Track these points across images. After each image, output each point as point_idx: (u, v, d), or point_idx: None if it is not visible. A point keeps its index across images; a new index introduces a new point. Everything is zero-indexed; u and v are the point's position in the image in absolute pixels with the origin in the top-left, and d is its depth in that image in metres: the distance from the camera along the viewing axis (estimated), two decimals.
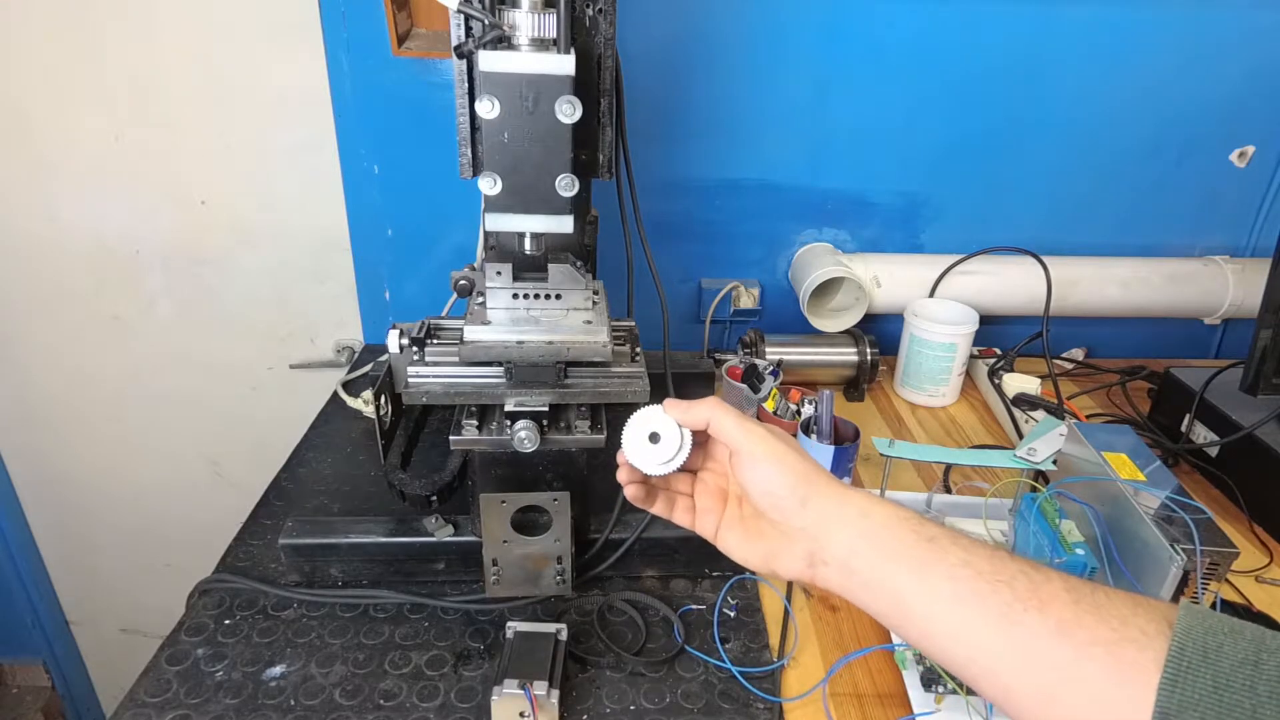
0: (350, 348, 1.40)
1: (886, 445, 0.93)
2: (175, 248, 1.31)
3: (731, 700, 0.72)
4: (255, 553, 0.88)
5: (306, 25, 1.15)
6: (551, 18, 0.67)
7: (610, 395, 0.77)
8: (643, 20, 1.15)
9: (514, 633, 0.72)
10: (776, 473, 0.51)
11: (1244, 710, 0.38)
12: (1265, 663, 0.39)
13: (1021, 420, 1.13)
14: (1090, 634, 0.42)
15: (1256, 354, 0.98)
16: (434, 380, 0.75)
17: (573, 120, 0.68)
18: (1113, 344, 1.44)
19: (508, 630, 0.72)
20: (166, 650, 0.75)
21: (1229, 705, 0.38)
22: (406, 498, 0.85)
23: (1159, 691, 0.39)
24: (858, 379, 1.25)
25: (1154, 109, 1.26)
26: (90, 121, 1.21)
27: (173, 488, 1.52)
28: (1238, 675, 0.39)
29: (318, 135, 1.22)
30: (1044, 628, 0.43)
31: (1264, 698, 0.38)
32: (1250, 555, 0.92)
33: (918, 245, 1.35)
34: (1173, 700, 0.39)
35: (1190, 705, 0.38)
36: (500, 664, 0.69)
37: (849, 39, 1.19)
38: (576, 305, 0.80)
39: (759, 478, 0.52)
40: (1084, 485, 0.86)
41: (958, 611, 0.45)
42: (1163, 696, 0.39)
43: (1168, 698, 0.39)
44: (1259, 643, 0.40)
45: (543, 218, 0.73)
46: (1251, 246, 1.38)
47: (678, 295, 1.37)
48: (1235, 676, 0.39)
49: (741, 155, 1.27)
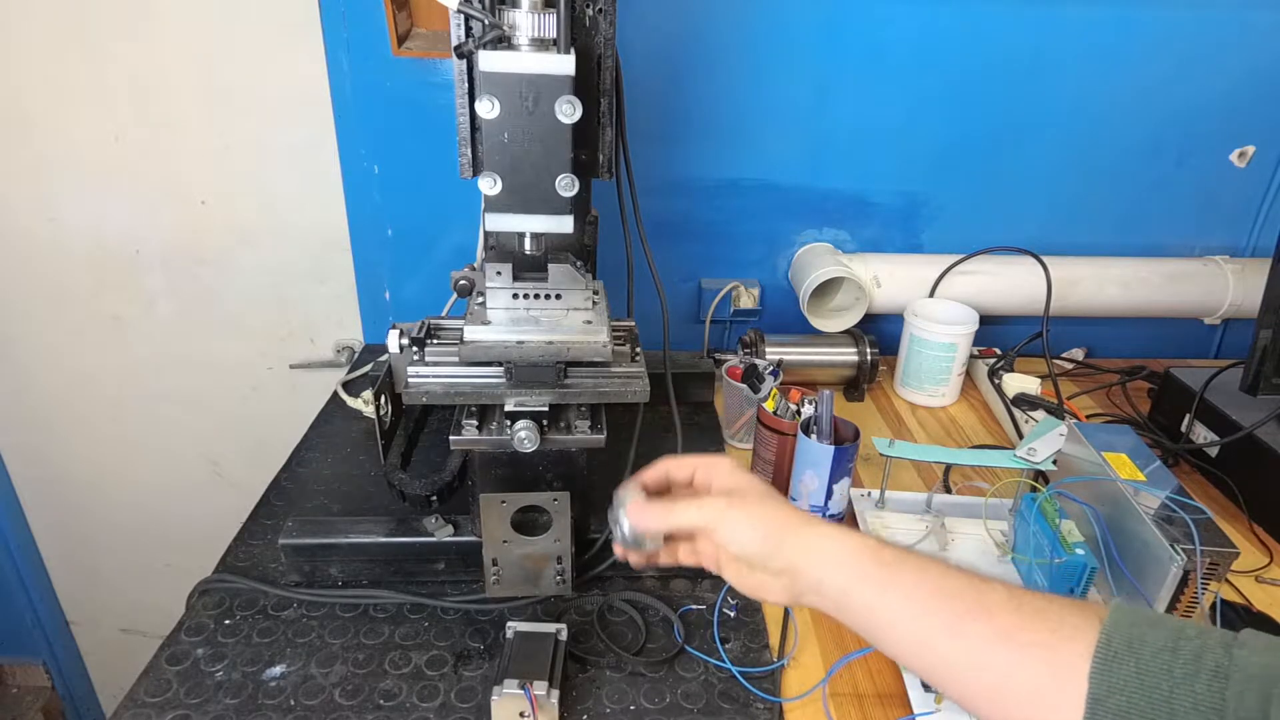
0: (350, 348, 1.40)
1: (886, 445, 0.93)
2: (175, 248, 1.31)
3: (731, 700, 0.72)
4: (255, 553, 0.88)
5: (306, 25, 1.15)
6: (551, 18, 0.67)
7: (610, 395, 0.77)
8: (643, 20, 1.15)
9: (514, 632, 0.72)
10: (746, 534, 0.57)
11: (1162, 691, 0.43)
12: (1181, 649, 0.44)
13: (1021, 420, 1.13)
14: (1030, 636, 0.47)
15: (1256, 354, 0.98)
16: (434, 380, 0.75)
17: (573, 120, 0.68)
18: (1113, 344, 1.44)
19: (508, 630, 0.72)
20: (166, 650, 0.75)
21: (1149, 688, 0.43)
22: (406, 498, 0.85)
23: (1090, 679, 0.44)
24: (858, 379, 1.25)
25: (1154, 109, 1.26)
26: (90, 121, 1.21)
27: (173, 488, 1.52)
28: (1157, 661, 0.43)
29: (318, 135, 1.22)
30: (989, 633, 0.48)
31: (1179, 679, 0.43)
32: (1250, 555, 0.92)
33: (918, 245, 1.35)
34: (1101, 686, 0.44)
35: (1117, 690, 0.44)
36: (500, 664, 0.69)
37: (849, 39, 1.19)
38: (576, 305, 0.80)
39: (732, 540, 0.57)
40: (1084, 485, 0.86)
41: (916, 626, 0.51)
42: (1093, 684, 0.44)
43: (1097, 684, 0.44)
44: (1178, 632, 0.45)
45: (543, 218, 0.73)
46: (1251, 246, 1.38)
47: (678, 295, 1.37)
48: (1155, 662, 0.43)
49: (741, 155, 1.27)
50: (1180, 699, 0.42)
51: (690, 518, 0.58)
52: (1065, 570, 0.77)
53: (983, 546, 0.91)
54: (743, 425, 1.10)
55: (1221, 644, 0.43)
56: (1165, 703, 0.42)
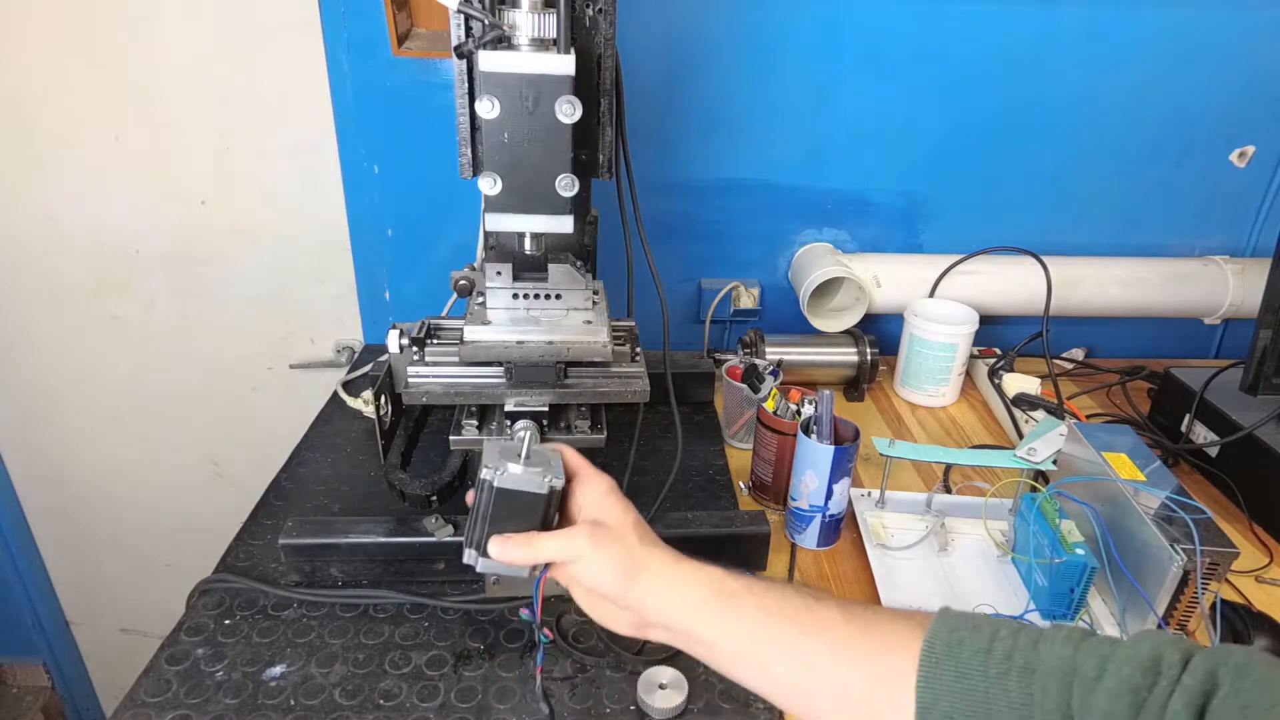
0: (350, 348, 1.40)
1: (886, 445, 0.93)
2: (175, 248, 1.31)
3: (732, 700, 0.72)
4: (255, 553, 0.88)
5: (306, 25, 1.15)
6: (551, 18, 0.67)
7: (610, 395, 0.77)
8: (643, 20, 1.15)
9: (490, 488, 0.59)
10: (600, 574, 0.57)
11: (979, 692, 0.45)
12: (994, 649, 0.46)
13: (1021, 420, 1.13)
14: (858, 649, 0.49)
15: (1256, 354, 0.99)
16: (434, 380, 0.75)
17: (573, 120, 0.68)
18: (1113, 344, 1.44)
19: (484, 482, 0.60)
20: (166, 650, 0.75)
21: (967, 689, 0.45)
22: (406, 498, 0.85)
23: (916, 688, 0.46)
24: (858, 379, 1.25)
25: (1154, 109, 1.26)
26: (90, 121, 1.21)
27: (173, 488, 1.52)
28: (973, 663, 0.45)
29: (318, 135, 1.22)
30: (821, 650, 0.50)
31: (993, 677, 0.45)
32: (1250, 555, 0.92)
33: (918, 245, 1.35)
34: (926, 694, 0.46)
35: (942, 695, 0.45)
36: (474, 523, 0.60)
37: (849, 39, 1.19)
38: (576, 305, 0.81)
39: (587, 575, 0.58)
40: (1084, 485, 0.86)
41: (755, 652, 0.53)
42: (920, 691, 0.46)
43: (923, 692, 0.46)
44: (993, 633, 0.46)
45: (543, 218, 0.73)
46: (1251, 246, 1.38)
47: (678, 295, 1.37)
48: (971, 664, 0.45)
49: (741, 155, 1.27)
50: (995, 698, 0.44)
51: (550, 551, 0.59)
52: (1065, 570, 0.77)
53: (983, 546, 0.91)
54: (743, 425, 1.10)
55: (1031, 641, 0.45)
56: (983, 703, 0.44)
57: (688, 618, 0.55)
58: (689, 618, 0.55)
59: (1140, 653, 0.42)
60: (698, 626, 0.55)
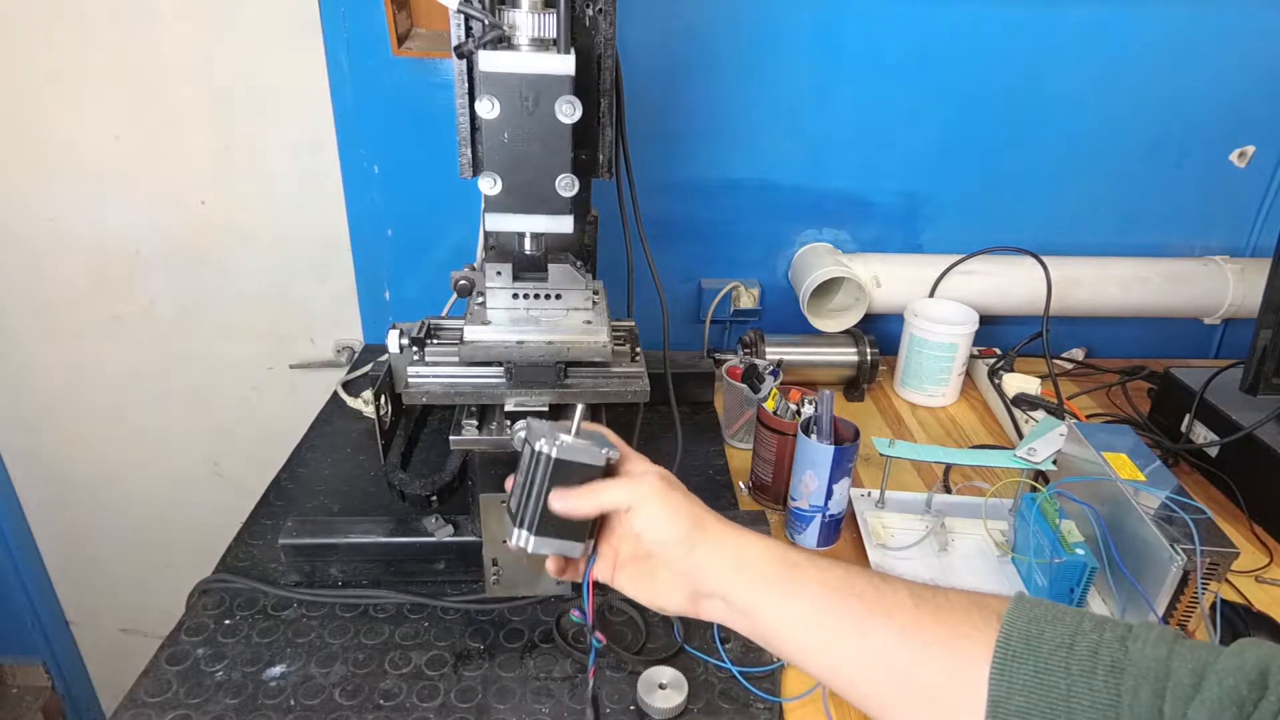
0: (350, 348, 1.40)
1: (886, 445, 0.93)
2: (175, 248, 1.31)
3: (732, 700, 0.72)
4: (255, 553, 0.88)
5: (306, 25, 1.15)
6: (551, 18, 0.67)
7: (610, 395, 0.77)
8: (643, 20, 1.15)
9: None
10: (666, 521, 0.54)
11: (1060, 690, 0.42)
12: (1078, 644, 0.43)
13: (1021, 420, 1.13)
14: (929, 634, 0.47)
15: (1256, 354, 0.98)
16: (434, 380, 0.75)
17: (573, 120, 0.68)
18: (1113, 344, 1.44)
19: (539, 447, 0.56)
20: (166, 650, 0.75)
21: (1048, 686, 0.42)
22: (406, 498, 0.85)
23: (990, 680, 0.43)
24: (858, 379, 1.25)
25: (1154, 109, 1.26)
26: (90, 121, 1.21)
27: (173, 487, 1.52)
28: (1055, 658, 0.42)
29: (318, 135, 1.22)
30: (889, 633, 0.48)
31: (1076, 675, 0.42)
32: (1250, 555, 0.92)
33: (918, 245, 1.35)
34: (1000, 688, 0.43)
35: (1017, 690, 0.43)
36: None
37: (849, 39, 1.19)
38: (576, 305, 0.80)
39: (650, 526, 0.54)
40: (1084, 485, 0.86)
41: (818, 630, 0.50)
42: (993, 685, 0.43)
43: (996, 685, 0.43)
44: (1076, 626, 0.44)
45: (543, 218, 0.73)
46: (1251, 246, 1.38)
47: (678, 295, 1.37)
48: (1053, 659, 0.42)
49: (741, 155, 1.27)
50: (1078, 696, 0.42)
51: (615, 497, 0.55)
52: (1065, 570, 0.77)
53: (983, 546, 0.91)
54: (742, 425, 1.10)
55: (1117, 638, 0.43)
56: (1064, 700, 0.42)
57: (750, 587, 0.52)
58: (751, 587, 0.52)
59: (1245, 663, 0.39)
60: (757, 599, 0.52)
